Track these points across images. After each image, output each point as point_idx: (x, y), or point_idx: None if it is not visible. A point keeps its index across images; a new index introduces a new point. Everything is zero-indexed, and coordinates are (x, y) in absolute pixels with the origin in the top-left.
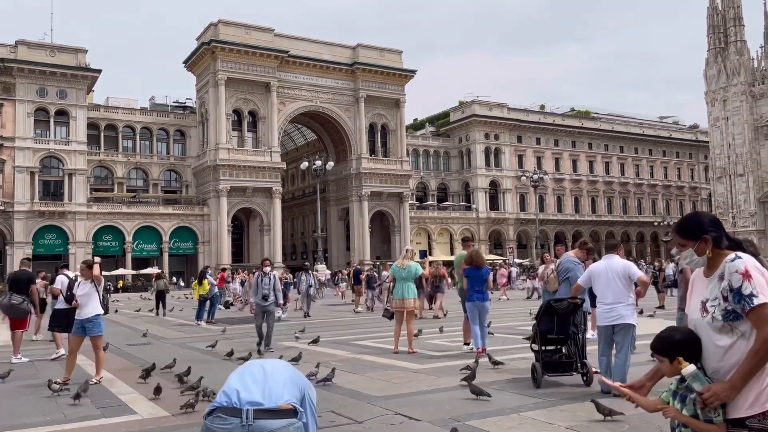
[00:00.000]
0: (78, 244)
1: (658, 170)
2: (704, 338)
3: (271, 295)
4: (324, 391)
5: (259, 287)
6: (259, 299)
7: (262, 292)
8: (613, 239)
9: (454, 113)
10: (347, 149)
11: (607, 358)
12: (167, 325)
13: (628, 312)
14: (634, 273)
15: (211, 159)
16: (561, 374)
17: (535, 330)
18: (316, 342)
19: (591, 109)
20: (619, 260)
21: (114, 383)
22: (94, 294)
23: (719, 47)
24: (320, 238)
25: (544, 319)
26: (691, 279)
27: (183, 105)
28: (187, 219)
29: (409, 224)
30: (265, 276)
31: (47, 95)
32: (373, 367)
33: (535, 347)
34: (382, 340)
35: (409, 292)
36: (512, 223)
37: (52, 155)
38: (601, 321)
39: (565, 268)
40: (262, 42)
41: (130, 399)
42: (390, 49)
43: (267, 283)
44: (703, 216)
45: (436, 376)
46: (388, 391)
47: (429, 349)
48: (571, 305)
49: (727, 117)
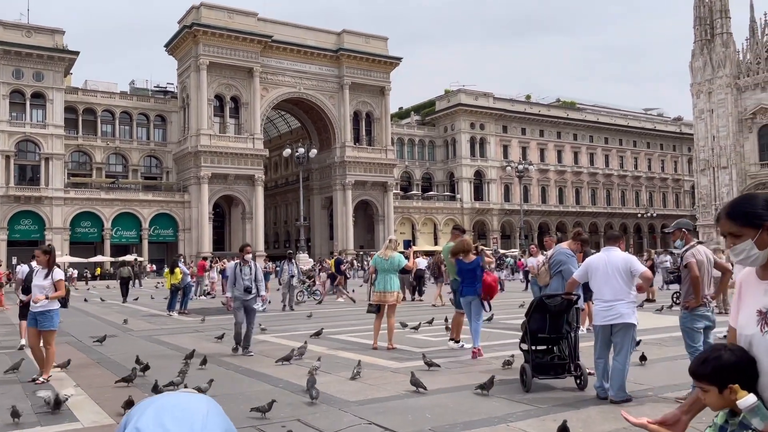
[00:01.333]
0: (55, 231)
1: (642, 162)
2: (764, 359)
3: (253, 288)
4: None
5: (238, 278)
6: (240, 292)
7: (243, 283)
8: (614, 230)
9: (439, 102)
10: (331, 137)
11: (604, 360)
12: (137, 315)
13: (629, 310)
14: (636, 268)
15: (192, 145)
16: (553, 377)
17: (525, 328)
18: (317, 334)
19: (576, 100)
20: (619, 253)
21: (64, 384)
22: (50, 284)
23: (705, 39)
24: (303, 226)
25: (534, 317)
26: (737, 282)
27: (164, 90)
28: (167, 206)
29: (393, 214)
30: (246, 264)
31: (23, 77)
32: (348, 366)
33: (525, 347)
34: (361, 334)
35: (392, 284)
36: (496, 214)
37: (28, 139)
38: (599, 320)
39: (558, 260)
40: (245, 26)
41: (75, 403)
42: (376, 35)
43: (248, 273)
44: (760, 198)
45: (418, 377)
46: (363, 395)
47: (410, 344)
48: (565, 302)
49: (712, 109)
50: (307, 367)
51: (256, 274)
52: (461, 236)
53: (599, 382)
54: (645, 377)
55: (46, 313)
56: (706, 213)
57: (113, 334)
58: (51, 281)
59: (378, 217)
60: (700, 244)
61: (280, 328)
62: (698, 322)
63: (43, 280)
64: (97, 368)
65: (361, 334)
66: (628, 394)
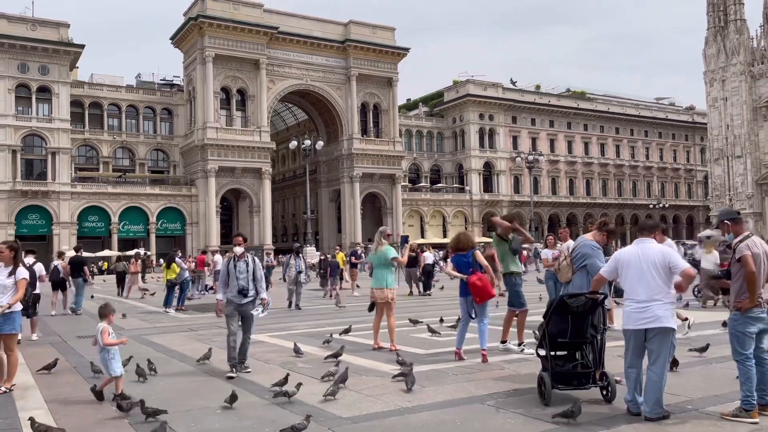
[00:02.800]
0: (62, 225)
1: (653, 152)
2: None
3: (250, 288)
4: (280, 409)
5: (231, 277)
6: (234, 294)
7: (237, 283)
8: (649, 219)
9: (448, 93)
10: (338, 129)
11: (637, 370)
12: (133, 312)
13: (667, 313)
14: (677, 263)
15: (199, 138)
16: (575, 388)
17: (543, 331)
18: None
19: (587, 90)
20: (655, 246)
21: (26, 394)
22: (11, 283)
23: (719, 26)
24: (310, 219)
25: (555, 319)
26: None
27: (170, 83)
28: (174, 200)
29: (402, 206)
30: (241, 259)
31: (29, 71)
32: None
33: (543, 352)
34: (363, 333)
35: (385, 280)
36: (506, 206)
37: (34, 133)
38: (631, 323)
39: (582, 254)
40: (250, 18)
41: (35, 417)
42: (383, 26)
43: (244, 271)
44: None
45: (420, 385)
46: (357, 409)
47: (415, 345)
48: (590, 302)
49: (725, 97)
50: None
51: (255, 271)
52: (507, 225)
53: (631, 395)
54: (680, 386)
55: (8, 315)
56: (720, 203)
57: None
58: (14, 280)
59: (386, 210)
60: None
61: (277, 326)
62: (751, 325)
63: (6, 278)
64: (71, 375)
65: (365, 333)
66: (665, 410)
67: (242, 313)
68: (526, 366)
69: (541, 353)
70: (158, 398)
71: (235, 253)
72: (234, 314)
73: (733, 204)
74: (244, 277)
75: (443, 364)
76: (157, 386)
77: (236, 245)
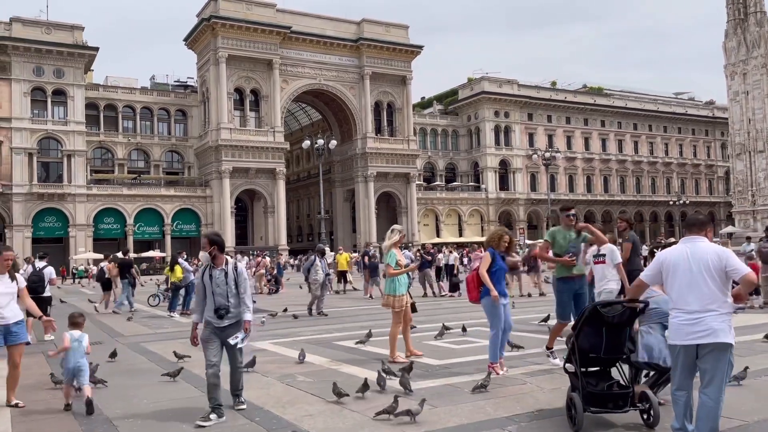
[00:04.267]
0: (78, 227)
1: (672, 148)
2: None
3: (231, 306)
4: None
5: (207, 291)
6: (211, 315)
7: (214, 300)
8: (700, 214)
9: (462, 90)
10: (352, 129)
11: (686, 393)
12: (138, 316)
13: (724, 325)
14: (736, 266)
15: (213, 139)
16: (611, 411)
17: (573, 344)
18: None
19: (603, 85)
20: (709, 246)
21: (2, 413)
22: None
23: (739, 18)
24: (324, 219)
25: (586, 332)
26: None
27: (184, 84)
28: (189, 201)
29: (417, 205)
30: (216, 268)
31: (44, 74)
32: (345, 387)
33: (572, 368)
34: (376, 339)
35: (394, 286)
36: (522, 204)
37: (50, 136)
38: (680, 337)
39: (662, 312)
40: (263, 17)
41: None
42: (396, 24)
43: (222, 283)
44: None
45: (432, 405)
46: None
47: (430, 354)
48: (628, 311)
49: (747, 91)
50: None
51: (238, 283)
52: (573, 221)
53: (680, 423)
54: (730, 406)
55: (21, 322)
56: (742, 199)
57: (98, 341)
58: (17, 288)
59: (401, 209)
60: None
61: (282, 331)
62: None
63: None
64: (49, 392)
65: (377, 339)
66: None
67: (224, 340)
68: (549, 380)
69: (570, 369)
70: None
71: (213, 258)
72: (212, 339)
73: (756, 200)
74: (222, 292)
75: (457, 377)
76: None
77: (205, 249)
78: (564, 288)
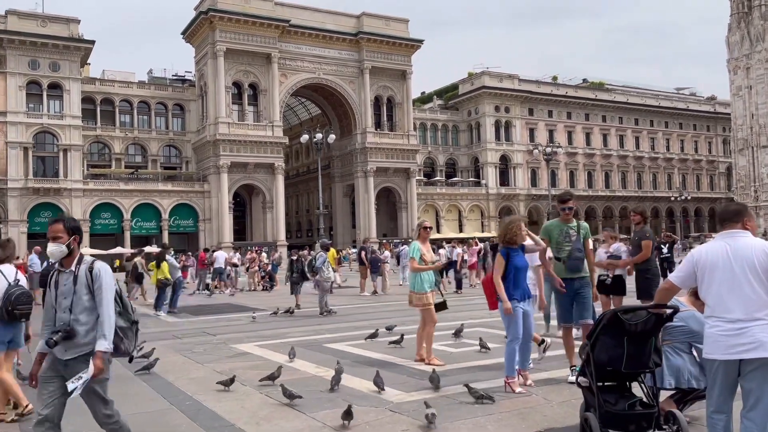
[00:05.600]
0: None
1: (674, 143)
2: None
3: (79, 326)
4: None
5: (47, 304)
6: (47, 335)
7: (54, 315)
8: (734, 204)
9: (463, 85)
10: (352, 123)
11: (726, 417)
12: None
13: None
14: None
15: (211, 134)
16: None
17: (588, 356)
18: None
19: (605, 80)
20: (754, 241)
21: None
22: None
23: (742, 12)
24: (323, 215)
25: (604, 341)
26: None
27: (182, 78)
28: (187, 196)
29: (417, 201)
30: (64, 271)
31: (39, 68)
32: (334, 402)
33: (586, 382)
34: (374, 340)
35: (417, 283)
36: (523, 199)
37: (45, 130)
38: (719, 351)
39: (690, 332)
40: (262, 11)
41: None
42: (396, 18)
43: (68, 291)
44: None
45: (420, 422)
46: None
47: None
48: (654, 318)
49: (750, 86)
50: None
51: (92, 288)
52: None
53: None
54: None
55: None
56: (745, 195)
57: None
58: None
59: (401, 205)
60: None
61: (270, 332)
62: None
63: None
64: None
65: (377, 339)
66: None
67: (66, 377)
68: (557, 391)
69: (584, 383)
70: None
71: (59, 259)
72: (49, 376)
73: (759, 196)
74: (66, 304)
75: (455, 387)
76: None
77: (55, 239)
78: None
